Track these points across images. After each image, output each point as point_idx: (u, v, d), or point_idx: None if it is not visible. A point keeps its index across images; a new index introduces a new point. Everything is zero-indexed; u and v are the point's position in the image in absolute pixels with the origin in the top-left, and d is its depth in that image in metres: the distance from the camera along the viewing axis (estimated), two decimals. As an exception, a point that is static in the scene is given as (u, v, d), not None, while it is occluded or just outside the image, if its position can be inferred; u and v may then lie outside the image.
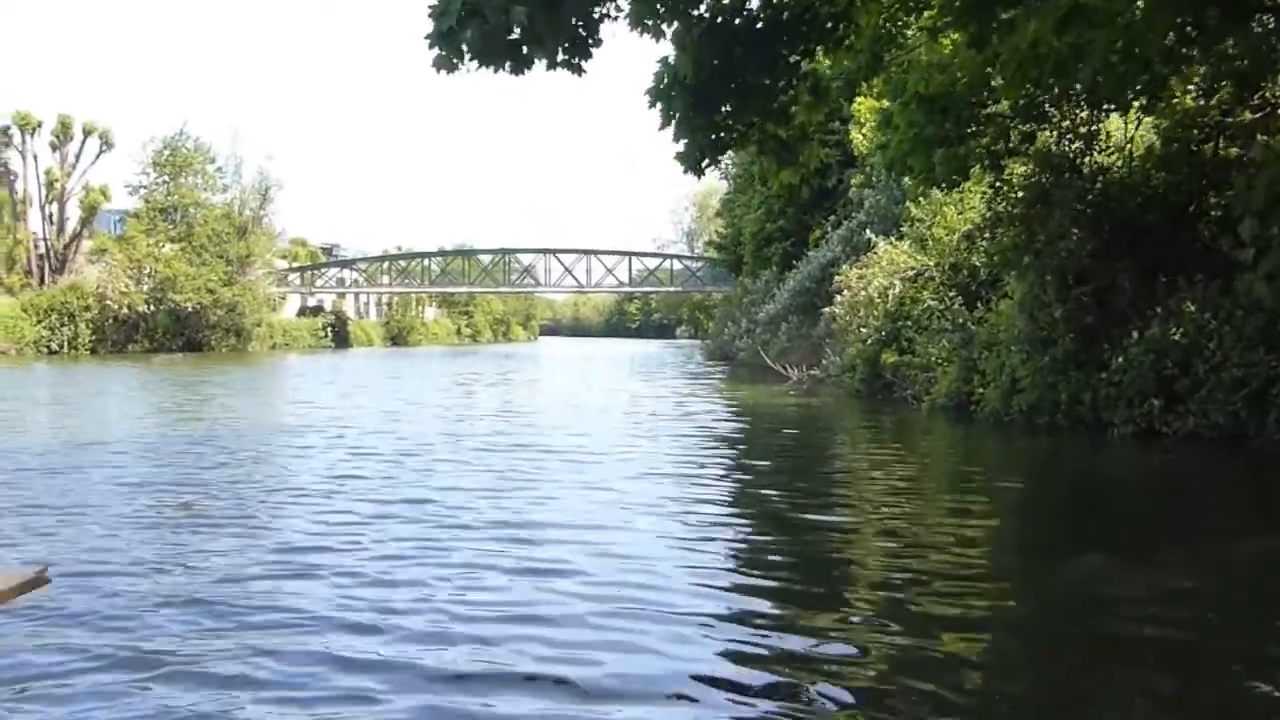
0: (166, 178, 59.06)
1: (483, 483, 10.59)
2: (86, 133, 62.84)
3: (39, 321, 52.24)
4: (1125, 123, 15.01)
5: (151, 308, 56.11)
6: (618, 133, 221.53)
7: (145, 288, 55.67)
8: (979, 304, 18.91)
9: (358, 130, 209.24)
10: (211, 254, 59.11)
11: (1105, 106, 14.56)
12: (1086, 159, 14.95)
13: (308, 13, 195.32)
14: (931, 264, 21.02)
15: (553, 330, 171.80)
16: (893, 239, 24.89)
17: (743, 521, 9.07)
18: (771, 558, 7.71)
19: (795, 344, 34.95)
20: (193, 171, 60.12)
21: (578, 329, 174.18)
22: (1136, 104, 14.34)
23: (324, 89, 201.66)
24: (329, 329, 75.37)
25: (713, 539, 8.06)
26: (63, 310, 52.94)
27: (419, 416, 18.67)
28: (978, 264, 20.37)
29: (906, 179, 24.72)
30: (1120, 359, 13.74)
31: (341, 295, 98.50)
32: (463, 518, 8.57)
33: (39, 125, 62.00)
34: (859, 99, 37.13)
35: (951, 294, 20.44)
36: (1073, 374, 14.37)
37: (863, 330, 22.06)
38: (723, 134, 10.05)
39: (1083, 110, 14.77)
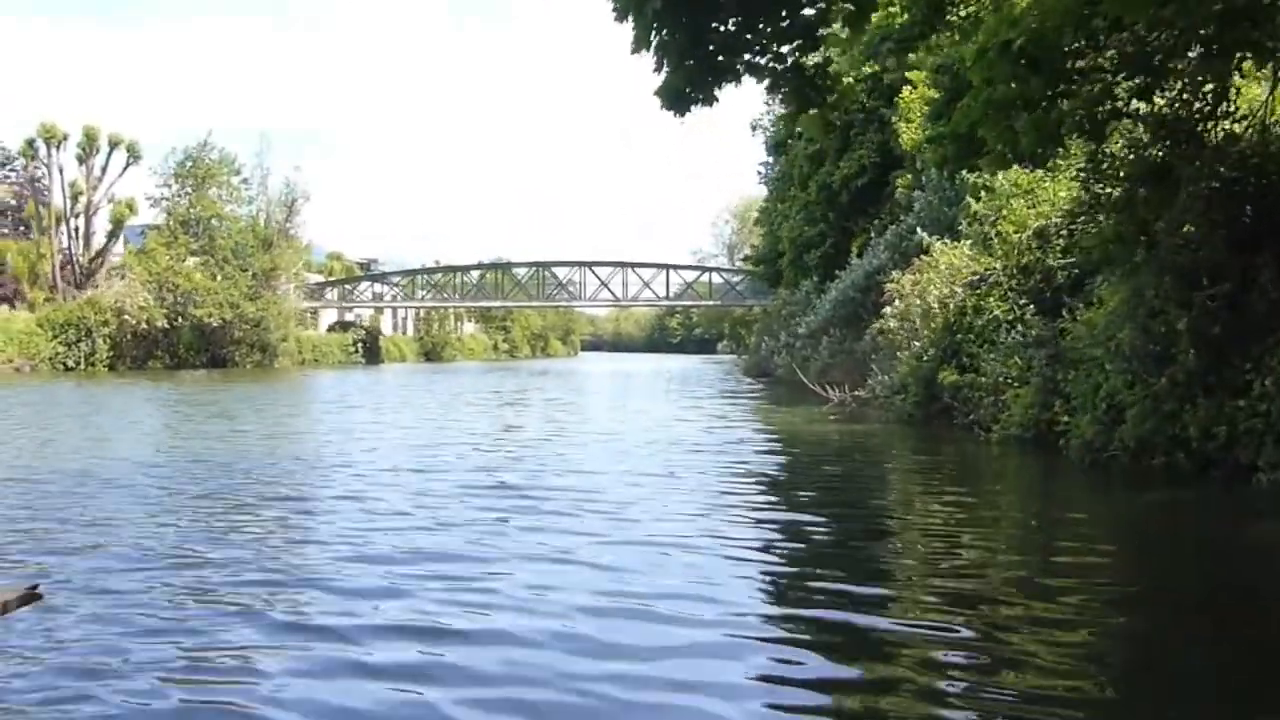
0: (189, 189, 56.92)
1: (433, 545, 7.76)
2: (113, 145, 60.85)
3: (55, 337, 50.08)
4: (1274, 76, 11.47)
5: (171, 323, 53.84)
6: (669, 145, 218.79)
7: (167, 302, 53.37)
8: (1062, 313, 15.43)
9: (401, 146, 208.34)
10: (234, 267, 56.86)
11: (1238, 55, 11.05)
12: (1212, 126, 11.45)
13: (353, 31, 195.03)
14: (998, 267, 17.55)
15: (594, 345, 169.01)
16: (947, 240, 21.48)
17: (773, 625, 5.84)
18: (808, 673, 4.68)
19: (837, 360, 31.50)
20: (216, 183, 57.96)
21: (619, 344, 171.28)
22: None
23: (369, 107, 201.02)
24: (359, 344, 72.89)
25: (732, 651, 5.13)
26: (80, 325, 50.74)
27: (402, 442, 15.57)
28: (1053, 264, 16.94)
29: (968, 172, 21.48)
30: (1266, 382, 10.25)
31: (379, 310, 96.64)
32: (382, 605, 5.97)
33: (65, 137, 60.15)
34: (905, 91, 34.01)
35: (1021, 302, 17.01)
36: (1200, 401, 10.87)
37: (916, 345, 18.62)
38: (721, 59, 6.76)
39: (1208, 64, 11.26)
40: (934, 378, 17.89)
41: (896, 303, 19.13)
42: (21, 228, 64.75)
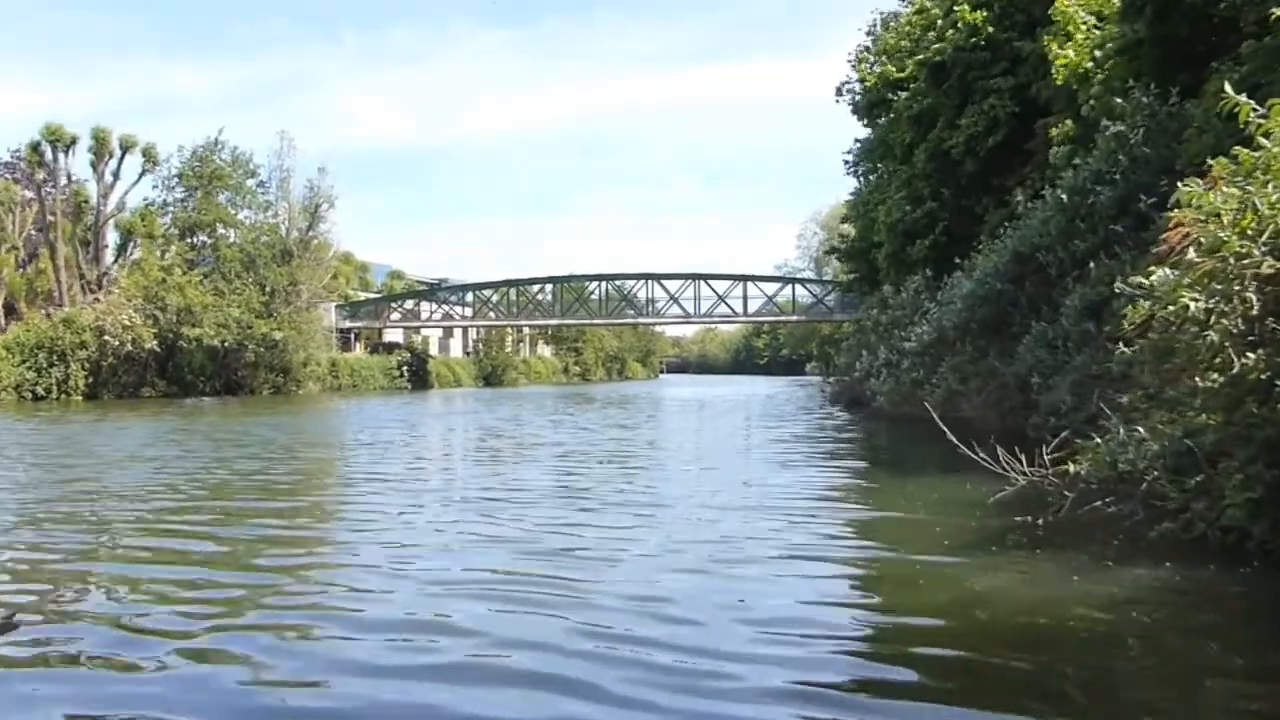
0: (193, 192, 47.93)
1: None
2: (124, 148, 52.46)
3: (22, 362, 41.25)
4: None
5: (170, 344, 44.77)
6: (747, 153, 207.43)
7: (159, 321, 44.29)
8: None
9: (483, 168, 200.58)
10: (244, 282, 47.64)
11: None
12: None
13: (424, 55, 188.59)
14: None
15: (679, 368, 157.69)
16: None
17: None
18: None
19: (972, 386, 19.98)
20: (226, 186, 48.90)
21: (704, 366, 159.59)
22: None
23: (449, 127, 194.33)
24: (404, 368, 63.25)
25: None
26: (52, 348, 41.88)
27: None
28: None
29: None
30: None
31: (449, 332, 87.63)
32: None
33: (74, 141, 52.04)
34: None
35: None
36: None
37: (1249, 357, 7.19)
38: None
39: None
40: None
41: (1191, 256, 7.54)
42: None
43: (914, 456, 15.39)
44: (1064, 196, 17.03)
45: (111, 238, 53.39)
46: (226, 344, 46.33)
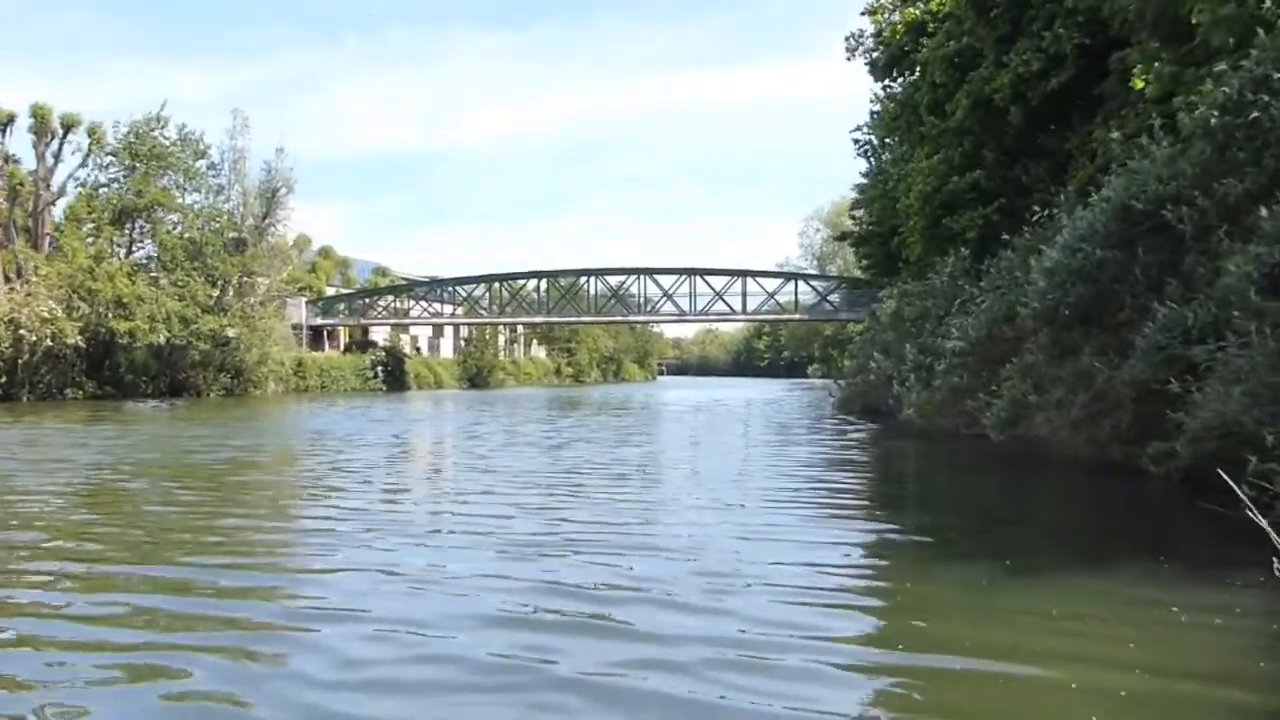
0: (129, 171, 42.07)
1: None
2: (66, 126, 46.65)
3: (-77, 361, 35.53)
4: None
5: (102, 340, 39.01)
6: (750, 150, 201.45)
7: (84, 313, 38.47)
8: None
9: (471, 164, 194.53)
10: (187, 272, 41.83)
11: None
12: None
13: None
14: None
15: (679, 369, 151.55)
16: None
17: None
18: None
19: (1054, 396, 14.01)
20: (169, 166, 43.03)
21: (705, 367, 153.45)
22: None
23: (450, 125, 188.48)
24: (378, 368, 57.35)
25: None
26: (-43, 344, 36.15)
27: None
28: None
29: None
30: None
31: (439, 330, 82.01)
32: None
33: (11, 119, 46.20)
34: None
35: None
36: None
37: None
38: None
39: None
40: None
41: None
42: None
43: (1006, 507, 9.53)
44: (1212, 115, 11.10)
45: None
46: (169, 340, 40.52)
